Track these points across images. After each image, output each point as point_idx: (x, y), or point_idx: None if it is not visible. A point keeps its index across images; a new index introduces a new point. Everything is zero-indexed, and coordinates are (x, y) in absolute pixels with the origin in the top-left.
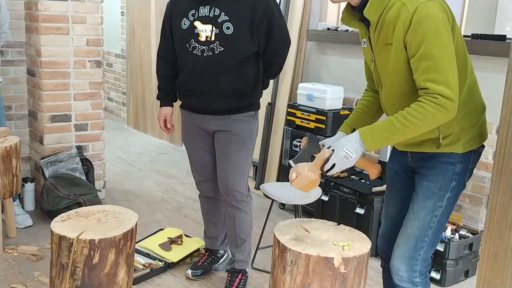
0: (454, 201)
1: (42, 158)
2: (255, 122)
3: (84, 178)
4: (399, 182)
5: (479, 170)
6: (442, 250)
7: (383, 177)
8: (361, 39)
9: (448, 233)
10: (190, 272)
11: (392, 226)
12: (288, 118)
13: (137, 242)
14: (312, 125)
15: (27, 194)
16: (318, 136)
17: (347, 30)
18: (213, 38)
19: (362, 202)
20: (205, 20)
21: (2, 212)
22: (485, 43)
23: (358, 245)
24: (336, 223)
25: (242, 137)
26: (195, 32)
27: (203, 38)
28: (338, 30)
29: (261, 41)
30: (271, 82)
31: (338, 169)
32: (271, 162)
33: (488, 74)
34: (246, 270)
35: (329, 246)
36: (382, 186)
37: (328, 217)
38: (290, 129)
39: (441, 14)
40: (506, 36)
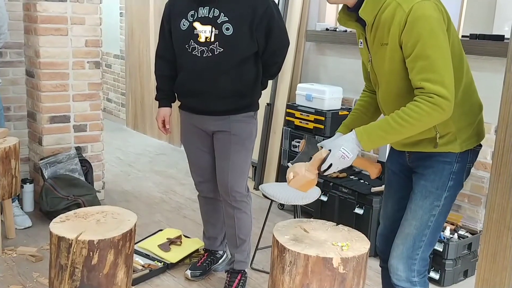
0: (451, 200)
1: (41, 159)
2: (255, 123)
3: (83, 179)
4: (397, 182)
5: (478, 170)
6: (441, 250)
7: (382, 177)
8: (358, 40)
9: (447, 233)
10: (189, 272)
11: (390, 226)
12: (287, 118)
13: (136, 243)
14: (311, 125)
15: (26, 195)
16: (316, 137)
17: (346, 31)
18: (212, 39)
19: (361, 202)
20: (204, 21)
21: (1, 213)
22: (483, 43)
23: (357, 245)
24: (335, 223)
25: (241, 137)
26: (195, 33)
27: (203, 39)
28: (337, 30)
29: (260, 41)
30: (270, 82)
31: (335, 169)
32: (270, 163)
33: (486, 74)
34: (245, 270)
35: (328, 246)
36: (381, 186)
37: (327, 217)
38: (289, 129)
39: (436, 14)
40: (504, 36)
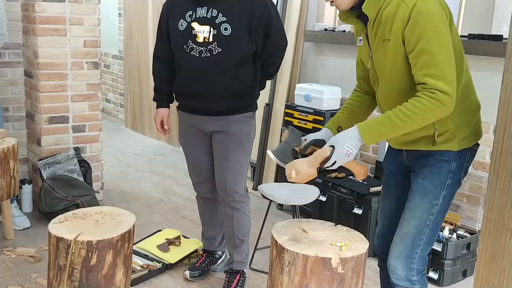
0: (450, 199)
1: (40, 160)
2: (253, 123)
3: (81, 179)
4: (395, 181)
5: (477, 169)
6: (440, 250)
7: (381, 177)
8: (356, 37)
9: (446, 233)
10: (188, 273)
11: (388, 225)
12: (285, 118)
13: (135, 244)
14: (309, 125)
15: (25, 195)
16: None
17: (344, 31)
18: (211, 39)
19: (359, 202)
20: (202, 21)
21: (0, 214)
22: (482, 43)
23: (356, 245)
24: (333, 224)
25: (240, 137)
26: (193, 33)
27: (201, 39)
28: (335, 30)
29: (258, 42)
30: (269, 82)
31: (337, 165)
32: (269, 163)
33: (485, 74)
34: (244, 270)
35: (326, 247)
36: (380, 186)
37: (326, 217)
38: None
39: (439, 10)
40: (502, 36)
